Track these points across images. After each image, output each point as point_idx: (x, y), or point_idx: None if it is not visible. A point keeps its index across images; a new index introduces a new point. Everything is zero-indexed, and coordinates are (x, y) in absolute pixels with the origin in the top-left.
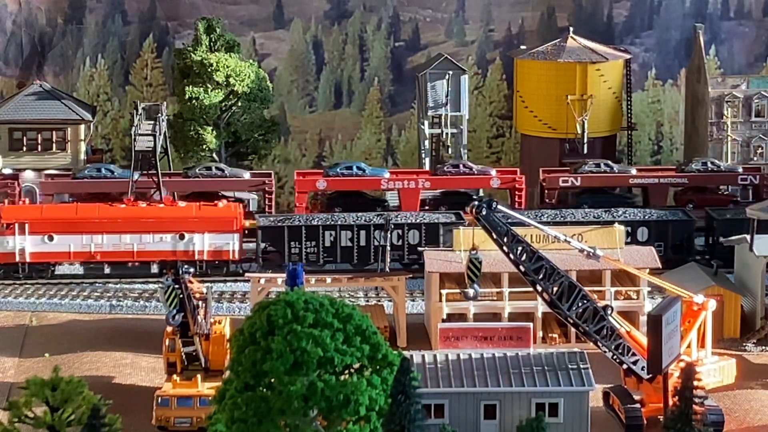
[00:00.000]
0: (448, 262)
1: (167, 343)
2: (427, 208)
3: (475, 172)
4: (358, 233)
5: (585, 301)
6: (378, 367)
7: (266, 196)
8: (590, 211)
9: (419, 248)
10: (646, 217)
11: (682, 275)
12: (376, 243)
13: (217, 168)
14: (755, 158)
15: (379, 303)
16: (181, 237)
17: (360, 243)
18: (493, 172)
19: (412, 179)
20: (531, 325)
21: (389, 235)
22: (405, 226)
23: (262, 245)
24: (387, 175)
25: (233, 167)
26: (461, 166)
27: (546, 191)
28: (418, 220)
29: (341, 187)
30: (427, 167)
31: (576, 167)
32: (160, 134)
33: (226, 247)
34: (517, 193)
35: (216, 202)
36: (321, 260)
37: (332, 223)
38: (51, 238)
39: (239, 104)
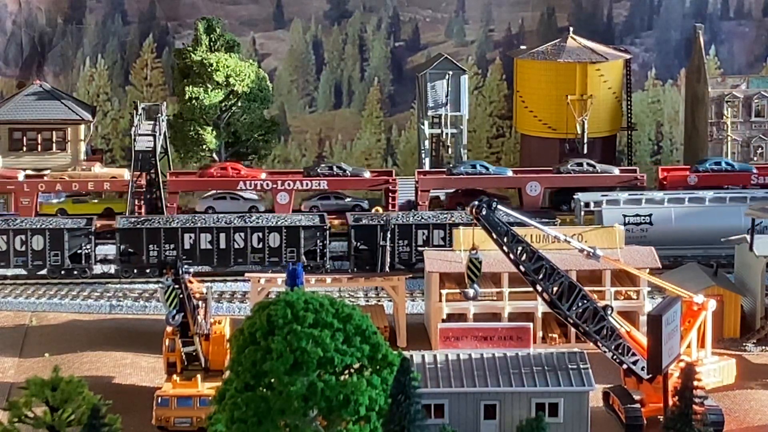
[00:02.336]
0: (448, 262)
1: (167, 343)
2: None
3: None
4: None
5: (585, 301)
6: (378, 367)
7: (389, 194)
8: (222, 216)
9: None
10: (278, 223)
11: (682, 275)
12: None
13: (338, 167)
14: (755, 158)
15: (379, 303)
16: None
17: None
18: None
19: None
20: (531, 325)
21: (389, 235)
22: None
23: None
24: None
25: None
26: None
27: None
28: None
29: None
30: (427, 167)
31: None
32: (160, 134)
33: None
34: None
35: None
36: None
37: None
38: None
39: (239, 104)
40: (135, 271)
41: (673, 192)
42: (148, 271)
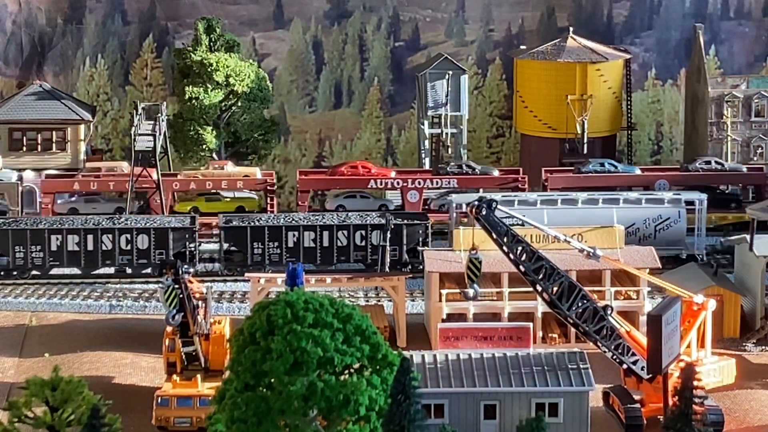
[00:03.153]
0: (448, 262)
1: (167, 343)
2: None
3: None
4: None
5: (585, 301)
6: (378, 367)
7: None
8: (91, 218)
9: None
10: (147, 224)
11: (682, 275)
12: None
13: (467, 166)
14: (755, 158)
15: (379, 303)
16: None
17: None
18: (496, 173)
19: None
20: (531, 325)
21: (388, 235)
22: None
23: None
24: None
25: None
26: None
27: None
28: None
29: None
30: (427, 167)
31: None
32: (160, 134)
33: None
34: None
35: None
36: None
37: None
38: None
39: (239, 104)
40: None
41: (547, 194)
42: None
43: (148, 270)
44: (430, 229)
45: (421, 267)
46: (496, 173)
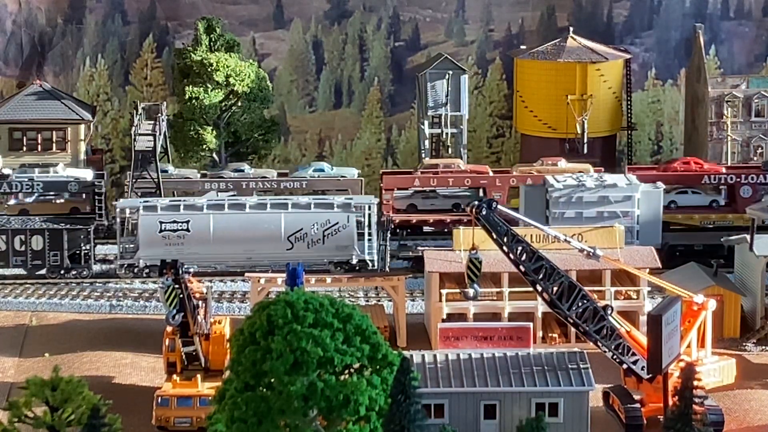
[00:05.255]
0: (448, 262)
1: (167, 343)
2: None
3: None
4: None
5: (585, 301)
6: (378, 367)
7: None
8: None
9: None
10: (43, 225)
11: (682, 275)
12: None
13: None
14: (755, 158)
15: (379, 303)
16: None
17: None
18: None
19: None
20: (531, 325)
21: (388, 235)
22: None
23: None
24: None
25: None
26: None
27: None
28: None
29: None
30: None
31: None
32: (160, 134)
33: None
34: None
35: None
36: None
37: None
38: None
39: (239, 104)
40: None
41: (215, 199)
42: None
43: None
44: (92, 234)
45: (84, 273)
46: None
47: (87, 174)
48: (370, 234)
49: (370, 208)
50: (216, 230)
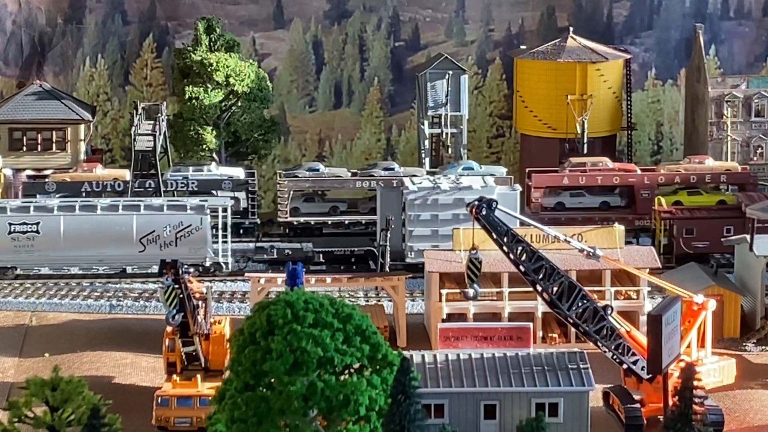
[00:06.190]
0: (448, 262)
1: (167, 343)
2: None
3: None
4: None
5: (585, 301)
6: (378, 367)
7: None
8: None
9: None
10: None
11: (682, 275)
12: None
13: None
14: (755, 158)
15: (379, 303)
16: None
17: None
18: None
19: None
20: (531, 325)
21: (388, 235)
22: None
23: None
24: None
25: None
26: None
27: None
28: None
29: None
30: (427, 167)
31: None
32: (160, 134)
33: None
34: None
35: None
36: None
37: None
38: None
39: (239, 104)
40: None
41: (66, 200)
42: None
43: None
44: None
45: None
46: None
47: (239, 172)
48: (225, 236)
49: (225, 210)
50: (66, 232)
